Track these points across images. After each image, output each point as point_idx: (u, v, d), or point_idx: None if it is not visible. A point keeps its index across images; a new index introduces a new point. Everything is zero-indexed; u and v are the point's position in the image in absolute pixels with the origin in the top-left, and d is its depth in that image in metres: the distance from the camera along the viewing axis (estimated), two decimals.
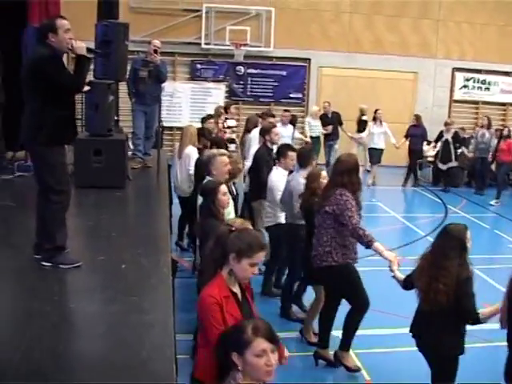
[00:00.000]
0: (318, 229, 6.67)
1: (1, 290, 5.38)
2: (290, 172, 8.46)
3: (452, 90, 20.68)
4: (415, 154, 17.39)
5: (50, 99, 5.43)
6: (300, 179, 7.68)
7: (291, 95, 19.88)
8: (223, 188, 6.34)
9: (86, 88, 6.64)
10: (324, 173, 7.33)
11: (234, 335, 3.47)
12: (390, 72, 19.75)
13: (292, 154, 8.37)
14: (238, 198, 8.58)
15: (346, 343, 6.76)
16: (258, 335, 3.40)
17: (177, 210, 10.48)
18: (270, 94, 19.73)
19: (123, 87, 10.97)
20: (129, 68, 10.09)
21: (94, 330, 4.52)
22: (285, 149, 8.60)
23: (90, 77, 6.71)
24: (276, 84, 19.72)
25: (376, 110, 16.99)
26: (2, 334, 4.48)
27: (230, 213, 6.81)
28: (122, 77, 9.63)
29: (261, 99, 19.61)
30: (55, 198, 5.53)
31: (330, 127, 16.81)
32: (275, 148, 9.29)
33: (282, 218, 8.34)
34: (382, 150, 16.86)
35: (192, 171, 9.48)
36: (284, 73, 19.79)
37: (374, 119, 16.92)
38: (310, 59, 19.77)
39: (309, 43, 19.41)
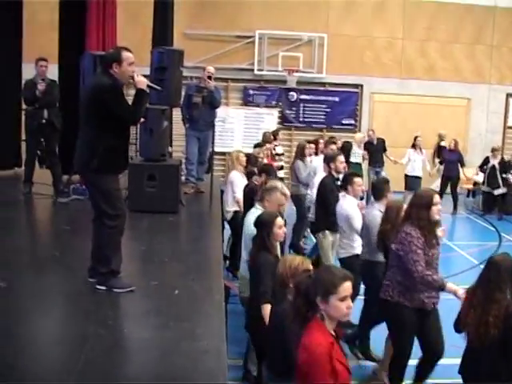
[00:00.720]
0: (389, 262, 6.42)
1: (56, 313, 5.46)
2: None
3: (506, 116, 20.39)
4: (452, 180, 17.09)
5: (105, 128, 5.50)
6: (376, 212, 7.40)
7: (343, 121, 19.82)
8: (279, 221, 6.16)
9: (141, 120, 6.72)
10: (405, 205, 6.81)
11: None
12: (443, 98, 19.55)
13: (358, 181, 8.25)
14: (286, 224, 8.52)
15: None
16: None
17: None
18: (323, 120, 19.71)
19: (177, 113, 11.07)
20: (183, 94, 10.20)
21: (148, 355, 4.53)
22: (350, 176, 8.44)
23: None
24: (328, 110, 19.69)
25: (415, 137, 16.68)
26: (57, 356, 4.53)
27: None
28: (177, 103, 9.74)
29: (313, 125, 19.60)
30: (110, 223, 5.58)
31: (365, 153, 16.58)
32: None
33: (358, 249, 8.00)
34: (420, 177, 16.61)
35: (237, 196, 9.52)
36: (336, 99, 19.77)
37: (414, 146, 16.66)
38: (362, 85, 19.73)
39: (361, 69, 19.38)
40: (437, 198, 6.13)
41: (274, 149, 13.97)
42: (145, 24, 15.53)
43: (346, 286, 3.80)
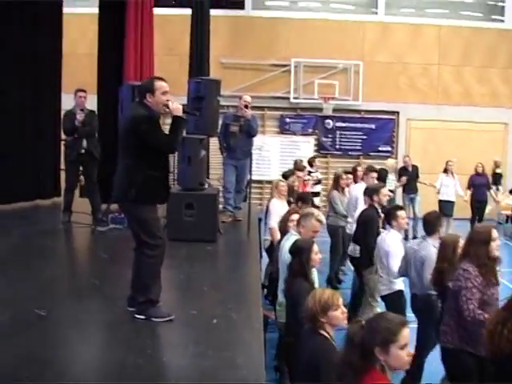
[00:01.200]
0: (446, 302, 6.05)
1: (95, 342, 5.47)
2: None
3: None
4: (481, 204, 16.81)
5: (143, 158, 5.54)
6: (431, 249, 7.01)
7: (380, 148, 19.75)
8: (315, 247, 6.15)
9: None
10: (461, 240, 6.45)
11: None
12: (480, 124, 19.37)
13: (402, 214, 8.06)
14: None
15: None
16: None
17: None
18: (359, 148, 19.67)
19: (214, 141, 11.13)
20: (220, 123, 10.26)
21: None
22: (394, 210, 8.19)
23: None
24: (365, 137, 19.66)
25: (447, 162, 16.55)
26: None
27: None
28: (214, 132, 9.81)
29: (349, 152, 19.58)
30: (149, 253, 5.60)
31: (404, 178, 16.45)
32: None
33: (399, 284, 7.84)
34: (453, 202, 16.41)
35: (271, 224, 9.34)
36: (373, 126, 19.73)
37: (445, 171, 16.50)
38: (398, 112, 19.66)
39: (397, 96, 19.34)
40: (495, 233, 5.84)
41: (309, 174, 13.91)
42: (181, 54, 15.78)
43: (406, 333, 3.64)
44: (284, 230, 7.83)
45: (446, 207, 16.32)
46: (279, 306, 6.86)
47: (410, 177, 16.63)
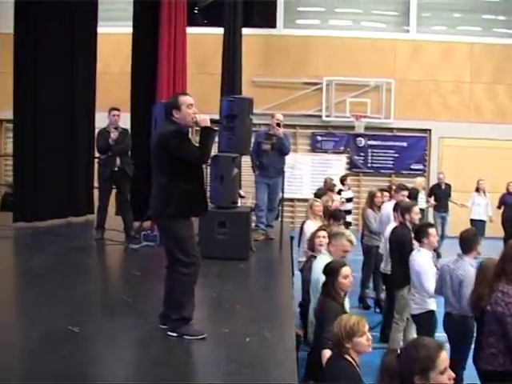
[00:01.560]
0: (487, 325, 5.77)
1: (127, 359, 5.47)
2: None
3: None
4: None
5: (176, 173, 5.56)
6: (469, 267, 6.84)
7: (412, 166, 19.65)
8: (345, 270, 6.09)
9: None
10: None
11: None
12: None
13: (433, 231, 7.86)
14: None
15: None
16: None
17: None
18: (391, 166, 19.60)
19: (246, 159, 11.15)
20: (252, 141, 10.28)
21: None
22: (425, 228, 7.92)
23: (214, 150, 6.83)
24: (396, 155, 19.59)
25: (478, 181, 16.38)
26: None
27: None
28: (246, 150, 9.84)
29: (381, 171, 19.51)
30: (184, 270, 5.59)
31: (432, 200, 16.29)
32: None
33: (431, 304, 7.60)
34: (485, 221, 16.22)
35: (305, 247, 8.88)
36: (405, 144, 19.66)
37: (477, 190, 16.35)
38: (430, 130, 19.57)
39: (429, 114, 19.26)
40: None
41: (340, 192, 13.78)
42: (213, 72, 15.89)
43: (444, 357, 3.52)
44: (311, 248, 7.84)
45: (477, 226, 16.13)
46: (310, 326, 6.85)
47: (442, 195, 16.48)
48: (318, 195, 11.47)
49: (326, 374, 5.00)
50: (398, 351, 3.72)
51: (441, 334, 7.24)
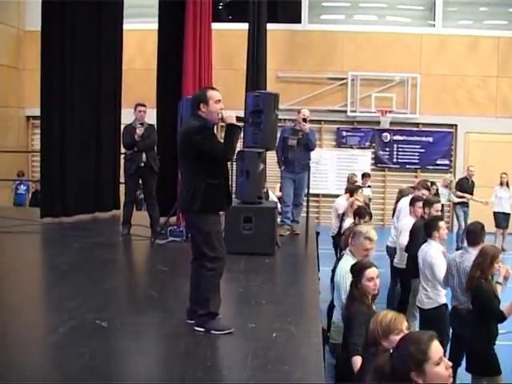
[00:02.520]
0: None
1: (154, 354, 5.50)
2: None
3: None
4: None
5: (201, 168, 5.58)
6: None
7: (438, 162, 19.50)
8: (370, 272, 5.75)
9: None
10: (501, 256, 6.48)
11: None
12: None
13: (443, 225, 7.86)
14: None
15: None
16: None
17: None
18: (417, 161, 19.46)
19: (271, 155, 11.15)
20: (278, 136, 10.27)
21: None
22: (435, 221, 7.92)
23: (239, 146, 6.83)
24: (422, 150, 19.44)
25: (501, 174, 16.32)
26: None
27: None
28: (272, 145, 9.83)
29: (407, 166, 19.39)
30: (210, 265, 5.62)
31: (467, 195, 16.19)
32: None
33: (443, 298, 7.57)
34: (509, 214, 16.13)
35: None
36: (430, 139, 19.51)
37: (501, 183, 16.27)
38: (456, 125, 19.39)
39: (455, 108, 19.09)
40: None
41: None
42: (238, 68, 15.91)
43: (436, 347, 3.36)
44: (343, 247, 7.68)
45: (501, 219, 16.11)
46: (333, 326, 6.75)
47: (469, 189, 16.39)
48: (351, 190, 11.54)
49: (364, 373, 4.85)
50: (391, 351, 3.62)
51: None
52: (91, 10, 12.09)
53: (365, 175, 16.03)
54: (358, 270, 5.84)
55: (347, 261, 6.53)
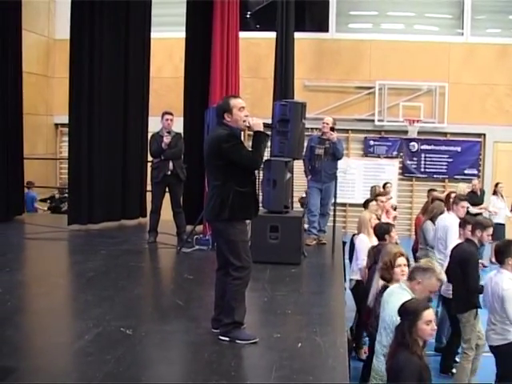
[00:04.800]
0: None
1: (179, 362, 5.53)
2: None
3: None
4: None
5: (229, 176, 5.57)
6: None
7: (466, 171, 19.30)
8: (428, 314, 4.84)
9: None
10: None
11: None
12: None
13: None
14: None
15: None
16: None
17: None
18: (444, 171, 19.28)
19: (298, 164, 11.12)
20: (305, 145, 10.25)
21: None
22: (509, 246, 6.87)
23: (266, 154, 6.81)
24: (450, 160, 19.26)
25: (497, 184, 16.12)
26: None
27: None
28: (299, 155, 9.81)
29: (434, 176, 19.21)
30: (236, 274, 5.60)
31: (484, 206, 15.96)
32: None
33: None
34: (504, 224, 15.75)
35: (361, 264, 8.26)
36: (458, 149, 19.32)
37: (495, 193, 15.97)
38: (484, 134, 19.19)
39: (484, 118, 18.87)
40: None
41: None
42: (266, 76, 15.91)
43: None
44: (386, 276, 6.47)
45: (496, 230, 15.80)
46: (374, 373, 5.90)
47: (476, 202, 16.09)
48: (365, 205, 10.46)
49: None
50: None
51: None
52: (119, 18, 12.23)
53: (385, 185, 15.41)
54: (413, 311, 4.88)
55: (404, 296, 5.51)
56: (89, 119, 11.76)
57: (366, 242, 8.48)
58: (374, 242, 8.14)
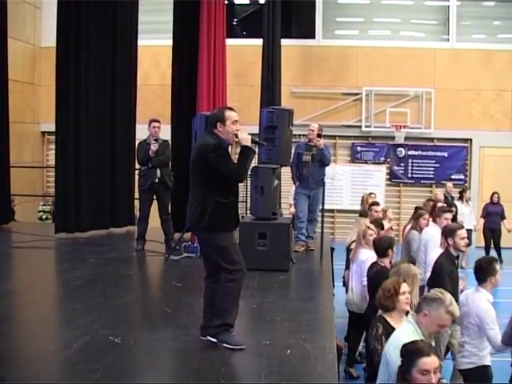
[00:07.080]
0: None
1: (168, 370, 5.50)
2: None
3: None
4: (495, 232, 16.22)
5: (212, 186, 5.57)
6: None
7: (453, 176, 19.37)
8: (433, 361, 4.19)
9: None
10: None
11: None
12: None
13: (498, 268, 6.51)
14: None
15: None
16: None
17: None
18: (431, 176, 19.35)
19: (285, 170, 11.13)
20: (292, 152, 10.27)
21: None
22: (492, 264, 6.50)
23: (254, 161, 6.81)
24: (437, 165, 19.34)
25: (463, 189, 16.55)
26: None
27: None
28: (287, 161, 9.85)
29: (422, 181, 19.28)
30: (229, 276, 5.59)
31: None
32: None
33: (487, 358, 6.34)
34: (471, 230, 15.68)
35: (366, 282, 7.88)
36: (445, 154, 19.40)
37: (461, 198, 16.26)
38: (471, 139, 19.28)
39: (470, 123, 18.95)
40: None
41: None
42: (253, 83, 15.92)
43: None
44: (389, 307, 5.88)
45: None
46: None
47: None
48: (363, 215, 10.42)
49: None
50: None
51: None
52: (106, 26, 12.22)
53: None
54: (413, 352, 4.26)
55: (407, 332, 4.91)
56: (76, 127, 11.72)
57: (366, 254, 8.24)
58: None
